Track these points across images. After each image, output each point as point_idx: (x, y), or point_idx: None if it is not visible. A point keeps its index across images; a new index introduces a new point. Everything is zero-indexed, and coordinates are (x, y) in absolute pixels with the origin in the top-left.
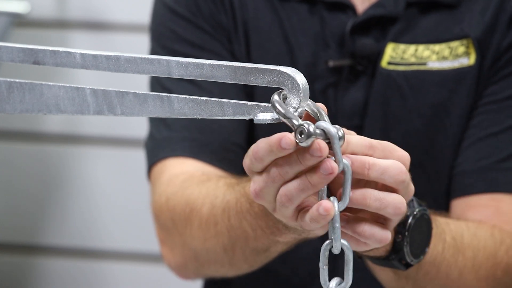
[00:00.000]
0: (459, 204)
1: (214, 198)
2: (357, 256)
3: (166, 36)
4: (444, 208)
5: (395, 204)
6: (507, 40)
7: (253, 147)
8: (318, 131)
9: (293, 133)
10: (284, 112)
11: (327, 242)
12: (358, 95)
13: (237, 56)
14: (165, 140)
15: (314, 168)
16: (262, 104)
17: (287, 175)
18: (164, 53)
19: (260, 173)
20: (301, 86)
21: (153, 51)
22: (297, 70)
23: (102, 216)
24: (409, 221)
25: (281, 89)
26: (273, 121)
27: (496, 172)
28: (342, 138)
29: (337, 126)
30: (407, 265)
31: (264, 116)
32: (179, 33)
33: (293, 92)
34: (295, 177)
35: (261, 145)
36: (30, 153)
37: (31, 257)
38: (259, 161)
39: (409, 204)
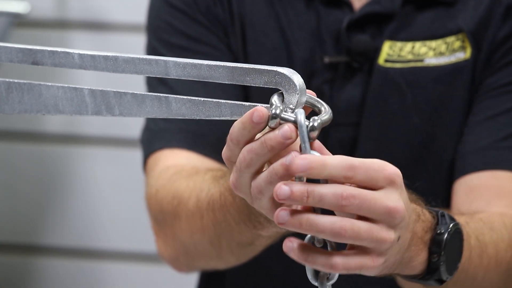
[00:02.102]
0: (460, 186)
1: (200, 192)
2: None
3: (162, 28)
4: (444, 204)
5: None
6: (503, 32)
7: (230, 131)
8: (287, 116)
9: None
10: (271, 100)
11: None
12: (355, 92)
13: (234, 49)
14: (161, 131)
15: (278, 159)
16: (259, 104)
17: (252, 162)
18: (160, 45)
19: None
20: (298, 87)
21: (149, 44)
22: (294, 71)
23: (102, 216)
24: (445, 238)
25: (279, 89)
26: None
27: (495, 151)
28: (315, 128)
29: (315, 118)
30: (441, 281)
31: None
32: (176, 26)
33: (290, 93)
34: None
35: (235, 125)
36: (29, 153)
37: (31, 257)
38: (236, 144)
39: (441, 220)
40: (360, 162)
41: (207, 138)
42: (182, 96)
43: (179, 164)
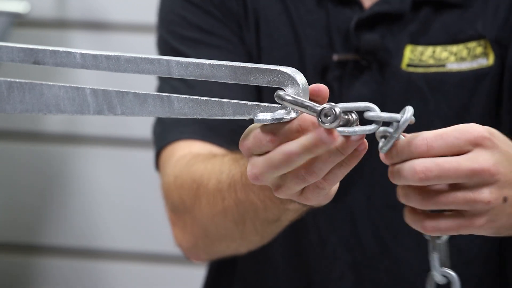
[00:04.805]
0: None
1: (220, 174)
2: None
3: (175, 22)
4: None
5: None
6: None
7: (280, 149)
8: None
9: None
10: (301, 101)
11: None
12: (363, 90)
13: (247, 43)
14: (174, 123)
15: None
16: (262, 104)
17: (321, 172)
18: (172, 38)
19: (260, 155)
20: (301, 86)
21: (161, 38)
22: (297, 70)
23: (102, 216)
24: None
25: (281, 88)
26: (273, 121)
27: None
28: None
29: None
30: None
31: (264, 116)
32: (189, 19)
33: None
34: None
35: (293, 148)
36: (30, 153)
37: (31, 257)
38: (294, 162)
39: None
40: (436, 135)
41: (221, 129)
42: (184, 96)
43: (195, 152)
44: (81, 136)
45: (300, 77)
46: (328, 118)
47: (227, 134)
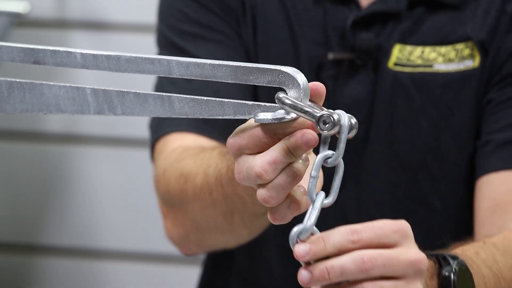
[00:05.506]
0: (483, 199)
1: (207, 167)
2: None
3: (175, 17)
4: (449, 209)
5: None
6: (508, 44)
7: (264, 156)
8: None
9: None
10: (300, 107)
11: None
12: (358, 89)
13: (245, 39)
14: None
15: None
16: (262, 103)
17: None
18: (172, 33)
19: (250, 154)
20: (301, 86)
21: (160, 32)
22: (298, 70)
23: (102, 216)
24: (452, 278)
25: (282, 89)
26: (273, 121)
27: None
28: (354, 128)
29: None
30: None
31: (265, 116)
32: (188, 14)
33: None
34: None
35: (275, 153)
36: (30, 153)
37: (31, 257)
38: (277, 169)
39: (443, 263)
40: (361, 225)
41: (215, 122)
42: (185, 96)
43: (186, 145)
44: (81, 136)
45: (300, 77)
46: (327, 125)
47: (221, 127)
